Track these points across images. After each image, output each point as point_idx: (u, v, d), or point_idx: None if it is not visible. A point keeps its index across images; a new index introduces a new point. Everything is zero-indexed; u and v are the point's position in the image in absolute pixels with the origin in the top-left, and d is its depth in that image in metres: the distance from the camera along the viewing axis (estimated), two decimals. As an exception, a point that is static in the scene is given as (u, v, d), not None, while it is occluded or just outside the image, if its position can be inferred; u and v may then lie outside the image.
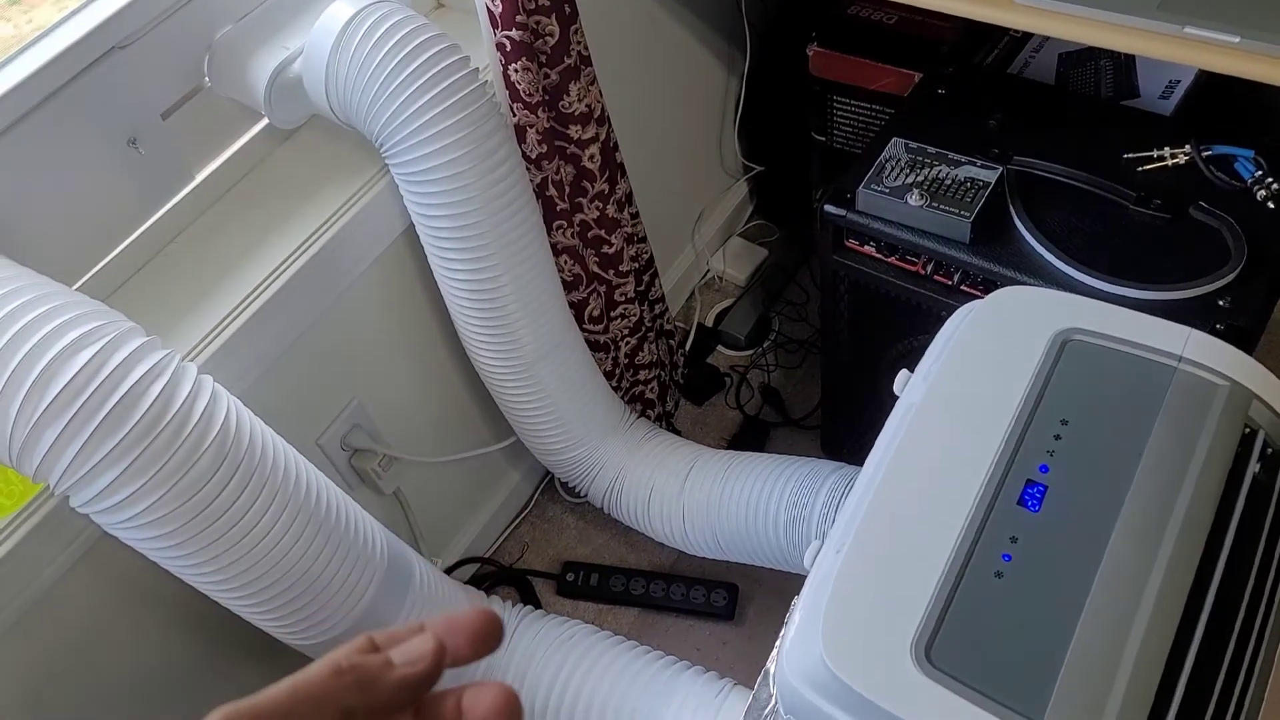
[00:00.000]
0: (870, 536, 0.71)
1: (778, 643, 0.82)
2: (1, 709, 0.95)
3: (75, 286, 0.97)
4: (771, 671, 0.79)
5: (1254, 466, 0.73)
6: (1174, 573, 0.67)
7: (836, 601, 0.69)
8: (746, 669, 1.36)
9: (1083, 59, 1.26)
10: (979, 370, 0.79)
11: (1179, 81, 1.21)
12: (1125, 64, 1.24)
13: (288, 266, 1.02)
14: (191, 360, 0.94)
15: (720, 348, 1.72)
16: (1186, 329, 0.78)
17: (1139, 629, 0.65)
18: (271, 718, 0.31)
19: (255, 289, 1.00)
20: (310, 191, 1.08)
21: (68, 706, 1.01)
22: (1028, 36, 1.30)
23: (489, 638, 0.36)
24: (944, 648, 0.66)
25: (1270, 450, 0.74)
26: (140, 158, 0.98)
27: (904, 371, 0.85)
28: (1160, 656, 0.64)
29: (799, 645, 0.70)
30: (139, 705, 1.09)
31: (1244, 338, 0.95)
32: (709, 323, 1.75)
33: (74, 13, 0.90)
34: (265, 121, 1.08)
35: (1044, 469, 0.73)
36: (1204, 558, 0.68)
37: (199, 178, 1.05)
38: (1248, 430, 0.74)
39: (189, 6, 0.96)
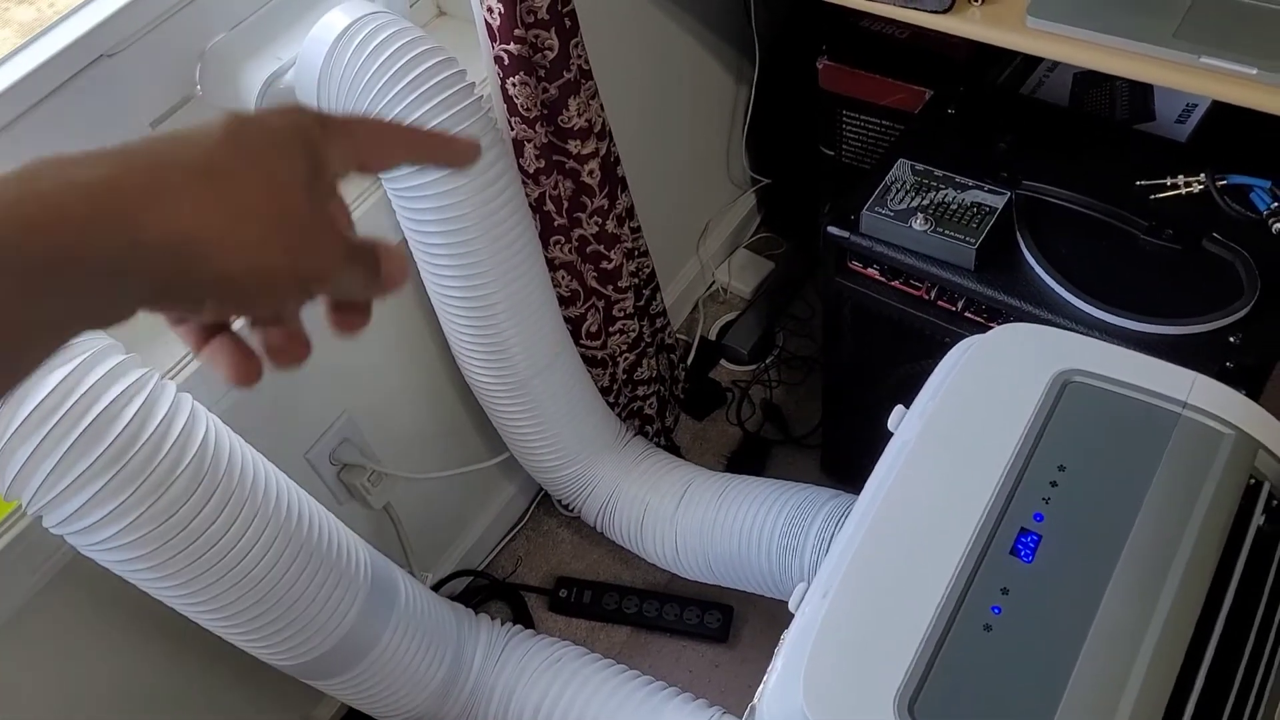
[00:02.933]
0: (856, 583, 0.69)
1: (763, 681, 0.80)
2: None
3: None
4: (757, 708, 0.77)
5: (1258, 519, 0.70)
6: (1171, 630, 0.65)
7: (819, 650, 0.67)
8: (739, 692, 1.34)
9: (1098, 79, 1.23)
10: (975, 410, 0.77)
11: (1195, 105, 1.18)
12: (1141, 86, 1.21)
13: (276, 280, 1.00)
14: (173, 377, 0.92)
15: (723, 362, 1.69)
16: (1192, 373, 0.75)
17: (1133, 688, 0.63)
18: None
19: (242, 303, 0.98)
20: (302, 203, 1.06)
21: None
22: (1041, 55, 1.27)
23: (461, 155, 0.44)
24: (929, 702, 0.64)
25: (1276, 502, 0.72)
26: (128, 167, 0.96)
27: (899, 407, 0.82)
28: (1156, 717, 0.62)
29: (780, 693, 0.68)
30: (118, 721, 1.07)
31: (1254, 376, 0.92)
32: (712, 335, 1.72)
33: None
34: (258, 131, 1.06)
35: (1039, 517, 0.70)
36: (1204, 614, 0.66)
37: (188, 188, 1.03)
38: (1253, 481, 0.71)
39: (180, 14, 0.94)
